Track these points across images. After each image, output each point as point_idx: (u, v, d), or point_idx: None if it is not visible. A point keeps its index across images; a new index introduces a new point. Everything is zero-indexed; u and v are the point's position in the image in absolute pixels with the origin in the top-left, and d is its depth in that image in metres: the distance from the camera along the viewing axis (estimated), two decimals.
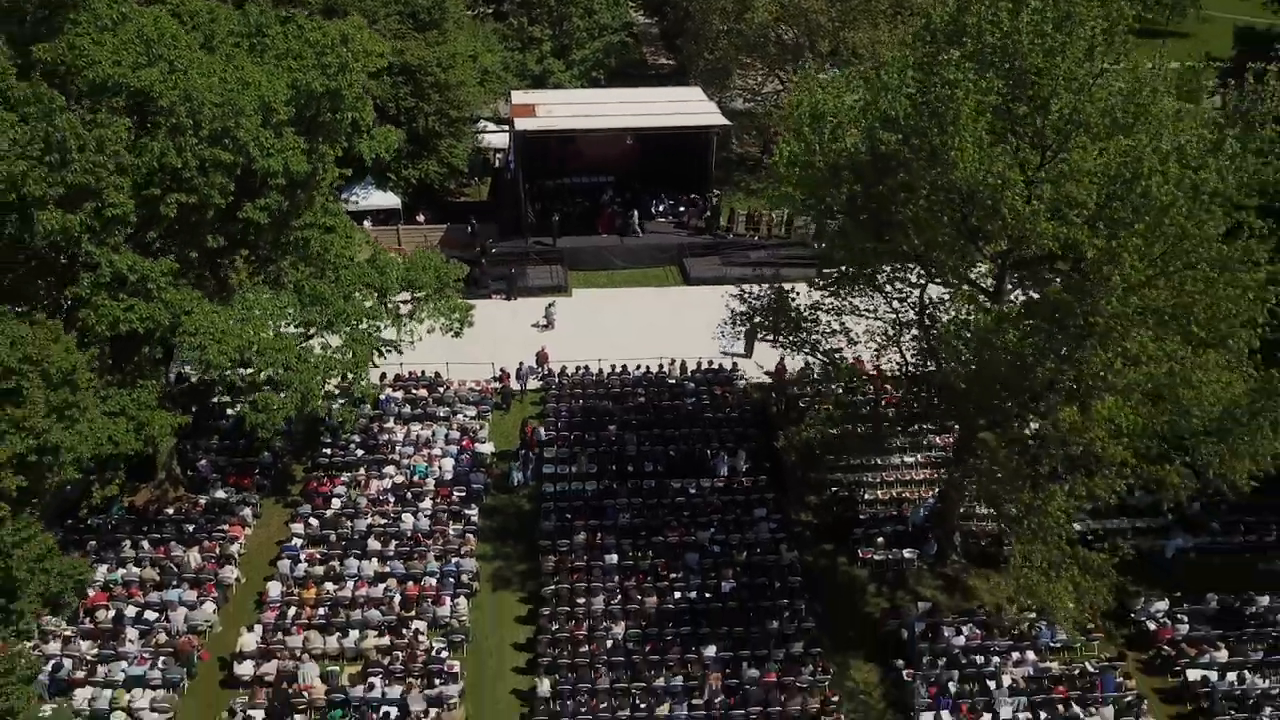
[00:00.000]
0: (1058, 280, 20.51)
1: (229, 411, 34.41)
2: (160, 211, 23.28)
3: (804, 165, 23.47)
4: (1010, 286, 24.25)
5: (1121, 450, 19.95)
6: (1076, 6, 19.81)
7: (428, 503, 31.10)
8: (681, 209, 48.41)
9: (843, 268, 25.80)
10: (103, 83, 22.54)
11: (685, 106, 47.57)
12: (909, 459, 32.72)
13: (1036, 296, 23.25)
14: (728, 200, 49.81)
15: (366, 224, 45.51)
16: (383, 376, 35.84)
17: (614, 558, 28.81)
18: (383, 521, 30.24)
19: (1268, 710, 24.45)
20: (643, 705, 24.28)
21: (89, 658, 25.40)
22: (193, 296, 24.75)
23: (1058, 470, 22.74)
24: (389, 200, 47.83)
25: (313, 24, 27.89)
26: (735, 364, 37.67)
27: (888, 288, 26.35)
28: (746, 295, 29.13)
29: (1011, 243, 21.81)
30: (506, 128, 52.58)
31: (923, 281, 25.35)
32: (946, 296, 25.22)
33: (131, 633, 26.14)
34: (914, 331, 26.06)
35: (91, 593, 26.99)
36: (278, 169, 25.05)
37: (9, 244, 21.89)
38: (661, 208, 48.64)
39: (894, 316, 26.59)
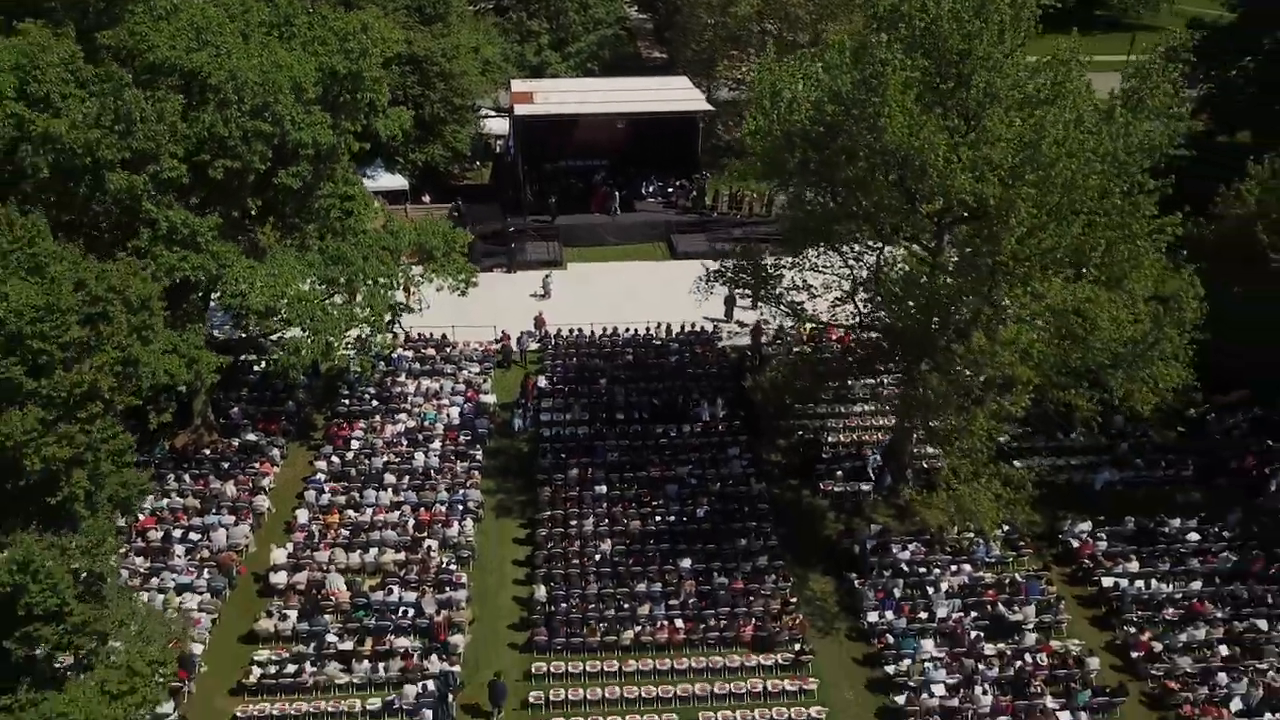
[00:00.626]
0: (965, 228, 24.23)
1: (255, 368, 38.31)
2: (209, 175, 27.07)
3: (765, 135, 27.26)
4: (949, 241, 28.00)
5: (1027, 371, 23.73)
6: None
7: (437, 444, 34.89)
8: (669, 189, 52.19)
9: (801, 228, 29.48)
10: (160, 64, 26.35)
11: (672, 94, 51.34)
12: (869, 408, 36.51)
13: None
14: (713, 181, 53.49)
15: (376, 204, 49.14)
16: (394, 337, 39.51)
17: (602, 488, 32.63)
18: (397, 459, 34.04)
19: (1169, 610, 28.23)
20: (626, 606, 28.09)
21: (142, 570, 29.18)
22: (233, 251, 28.55)
23: (983, 397, 26.48)
24: (397, 182, 51.56)
25: (335, 14, 31.65)
26: (715, 326, 41.43)
27: (844, 249, 30.12)
28: (722, 263, 32.88)
29: (945, 202, 25.60)
30: (507, 115, 56.25)
31: (879, 245, 29.10)
32: (897, 257, 29.01)
33: (179, 549, 29.92)
34: (866, 287, 29.81)
35: (141, 518, 30.78)
36: (308, 141, 28.84)
37: (82, 201, 25.65)
38: (651, 188, 52.41)
39: (849, 273, 30.38)
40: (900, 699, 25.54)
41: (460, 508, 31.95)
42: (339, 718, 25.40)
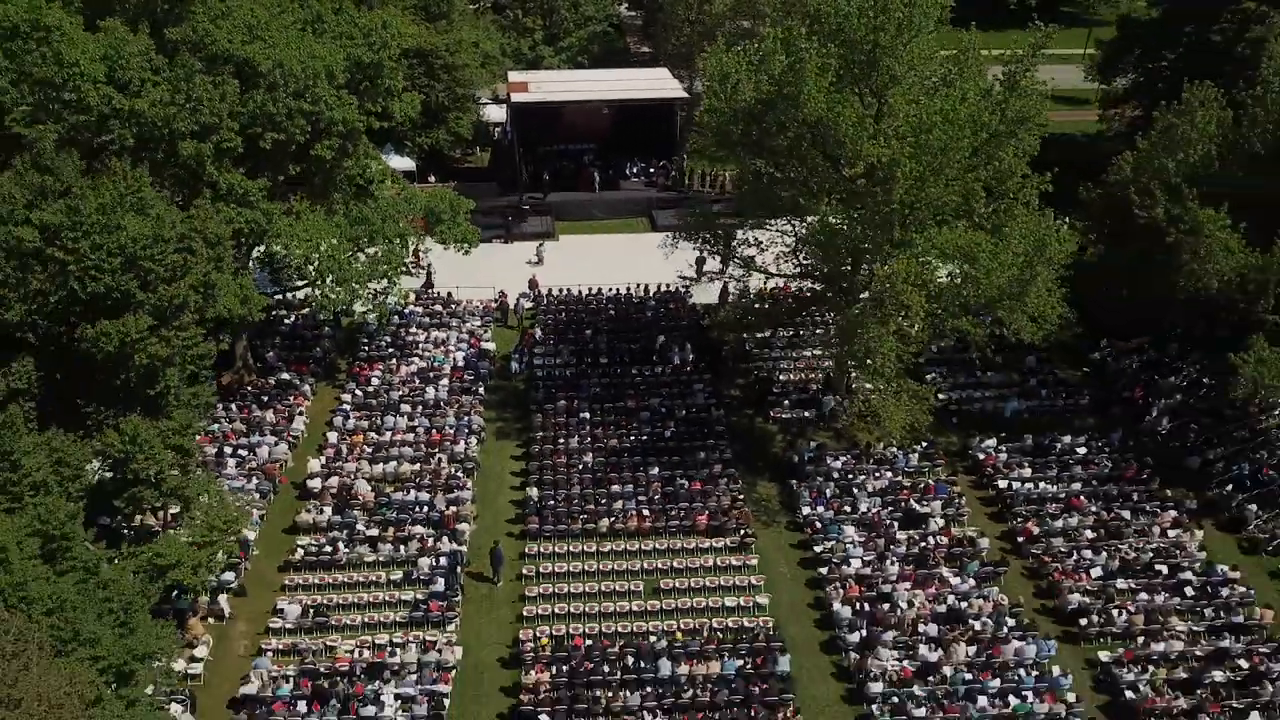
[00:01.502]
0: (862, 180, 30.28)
1: (286, 321, 44.43)
2: (259, 146, 33.18)
3: (717, 113, 33.39)
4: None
5: (919, 297, 29.83)
6: None
7: (445, 381, 41.00)
8: (651, 170, 58.25)
9: (751, 195, 35.62)
10: (220, 54, 32.46)
11: (653, 84, 57.41)
12: (816, 352, 42.54)
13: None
14: (690, 163, 59.46)
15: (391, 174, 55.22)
16: (406, 295, 45.54)
17: (586, 415, 38.77)
18: (411, 393, 40.15)
19: (1052, 505, 34.37)
20: (603, 502, 34.22)
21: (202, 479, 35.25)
22: (277, 209, 34.66)
23: (887, 319, 32.53)
24: (405, 163, 57.50)
25: (360, 12, 37.77)
26: (687, 286, 47.31)
27: (785, 212, 36.14)
28: (685, 220, 39.02)
29: (865, 167, 31.65)
30: (504, 103, 62.23)
31: (813, 204, 35.12)
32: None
33: (230, 462, 36.01)
34: (803, 241, 35.86)
35: (198, 437, 36.85)
36: (339, 119, 34.94)
37: (158, 165, 31.73)
38: (635, 169, 58.43)
39: (791, 230, 36.47)
40: (824, 570, 31.69)
41: (466, 430, 38.06)
42: (367, 586, 31.50)
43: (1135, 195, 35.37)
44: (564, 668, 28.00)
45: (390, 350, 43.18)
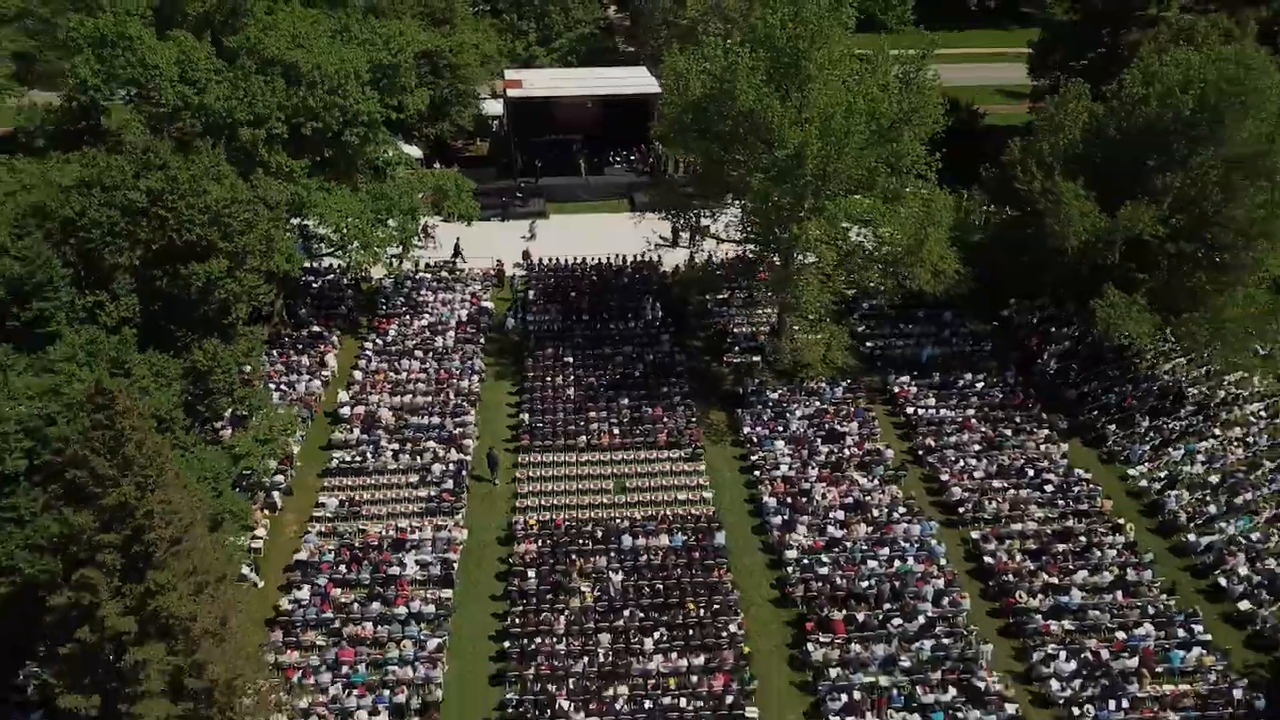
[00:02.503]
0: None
1: (314, 284, 52.26)
2: (301, 133, 41.10)
3: (672, 105, 41.30)
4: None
5: (832, 252, 37.73)
6: (804, 10, 37.48)
7: (451, 333, 48.82)
8: (632, 157, 66.04)
9: (705, 175, 43.51)
10: (270, 59, 40.35)
11: (633, 81, 65.13)
12: (766, 310, 50.33)
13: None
14: (668, 150, 67.03)
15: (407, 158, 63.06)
16: (417, 264, 53.29)
17: (570, 359, 46.62)
18: (422, 342, 47.99)
19: (950, 426, 42.27)
20: (582, 424, 42.12)
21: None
22: (314, 186, 42.57)
23: (804, 269, 40.43)
24: (413, 152, 65.22)
25: (379, 22, 45.66)
26: (659, 257, 55.10)
27: (734, 191, 43.92)
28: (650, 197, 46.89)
29: (795, 150, 39.49)
30: (501, 98, 69.92)
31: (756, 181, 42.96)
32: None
33: (275, 394, 43.83)
34: (746, 211, 43.74)
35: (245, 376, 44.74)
36: (364, 111, 42.83)
37: (219, 148, 39.60)
38: (617, 157, 66.23)
39: (739, 203, 44.33)
40: (758, 473, 39.64)
41: (469, 370, 45.96)
42: (391, 486, 39.38)
43: (1019, 173, 43.23)
44: (548, 541, 35.97)
45: (404, 308, 50.99)
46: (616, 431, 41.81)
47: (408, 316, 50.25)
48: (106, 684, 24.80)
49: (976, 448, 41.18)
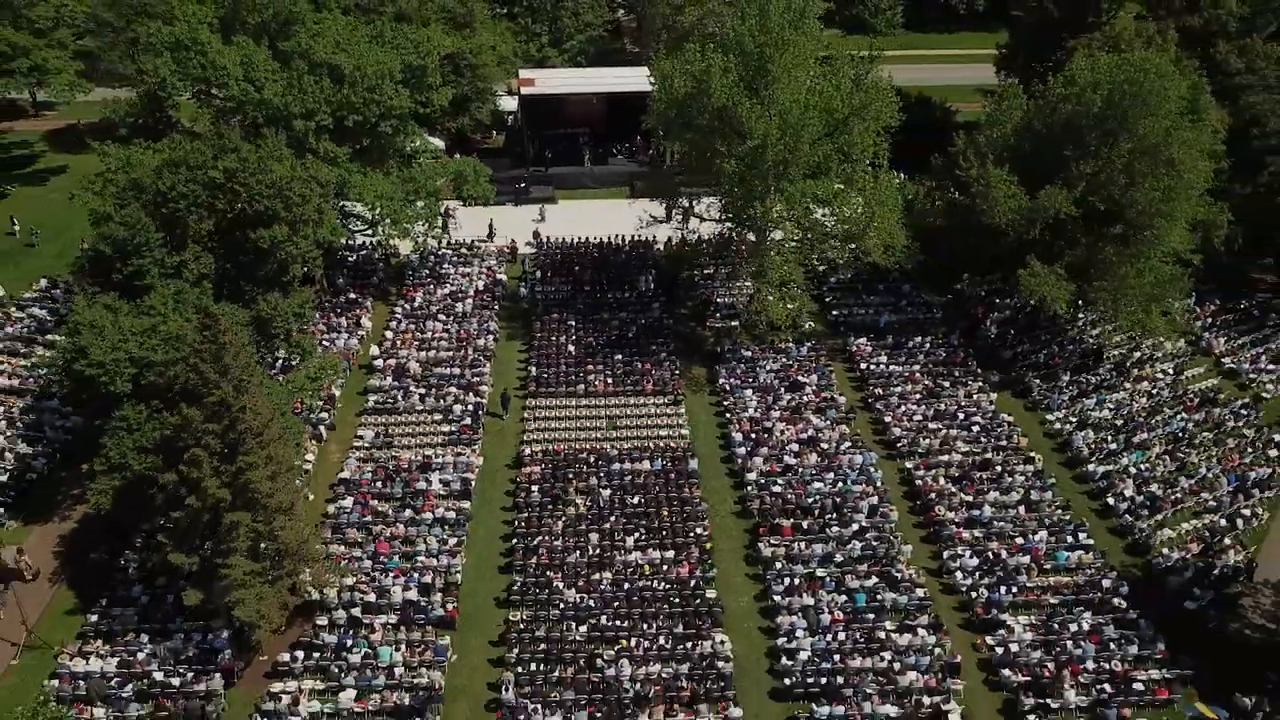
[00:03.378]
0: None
1: (351, 257, 59.86)
2: (344, 124, 48.69)
3: (660, 101, 48.65)
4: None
5: (790, 226, 44.96)
6: (770, 21, 44.73)
7: (470, 300, 56.33)
8: (633, 149, 73.38)
9: (690, 164, 50.81)
10: (318, 61, 47.95)
11: (635, 80, 72.09)
12: (746, 284, 57.51)
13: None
14: (667, 143, 74.32)
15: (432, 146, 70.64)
16: (440, 241, 60.81)
17: (572, 323, 54.03)
18: (445, 307, 55.51)
19: (897, 379, 49.43)
20: (581, 374, 49.54)
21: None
22: (353, 170, 50.14)
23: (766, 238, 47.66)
24: (437, 143, 72.80)
25: (409, 29, 53.20)
26: (653, 236, 62.39)
27: (714, 177, 51.16)
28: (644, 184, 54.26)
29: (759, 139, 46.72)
30: (515, 95, 77.38)
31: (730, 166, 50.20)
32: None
33: (319, 348, 51.46)
34: (723, 195, 50.97)
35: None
36: (397, 106, 50.36)
37: (277, 136, 47.25)
38: (619, 149, 73.59)
39: (720, 187, 51.57)
40: (729, 415, 46.94)
41: (485, 331, 53.45)
42: (418, 422, 46.85)
43: (961, 161, 50.33)
44: (549, 465, 43.44)
45: (429, 279, 58.57)
46: (610, 381, 49.24)
47: (432, 286, 57.78)
48: (203, 547, 32.48)
49: (917, 396, 48.36)
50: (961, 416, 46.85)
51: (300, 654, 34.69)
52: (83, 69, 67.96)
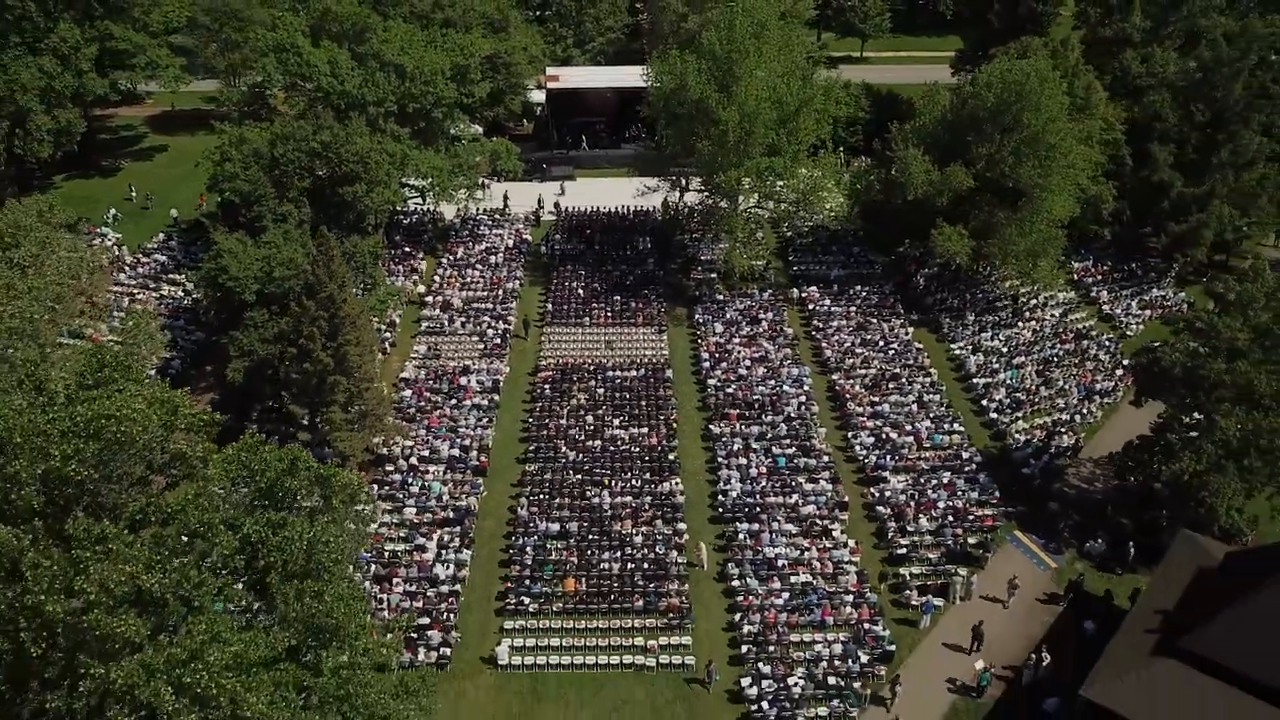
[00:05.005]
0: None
1: (404, 220, 74.68)
2: (406, 110, 63.46)
3: (656, 94, 62.98)
4: None
5: (750, 193, 59.04)
6: (735, 33, 58.84)
7: (501, 254, 70.95)
8: (643, 136, 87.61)
9: (681, 149, 65.07)
10: (386, 61, 62.73)
11: (644, 76, 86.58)
12: (724, 245, 71.57)
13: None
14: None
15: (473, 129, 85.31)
16: (478, 209, 75.33)
17: (583, 273, 68.46)
18: (481, 259, 70.16)
19: (835, 316, 63.35)
20: (587, 310, 63.95)
21: None
22: (411, 146, 64.88)
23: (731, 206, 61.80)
24: (476, 129, 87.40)
25: (456, 35, 67.88)
26: (653, 206, 76.53)
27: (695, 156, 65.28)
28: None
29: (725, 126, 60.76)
30: (543, 89, 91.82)
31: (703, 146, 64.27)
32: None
33: (381, 291, 66.24)
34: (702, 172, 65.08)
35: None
36: (446, 98, 65.02)
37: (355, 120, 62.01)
38: (629, 134, 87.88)
39: (702, 164, 65.74)
40: (699, 340, 61.18)
41: (514, 278, 68.01)
42: (459, 340, 61.40)
43: (893, 145, 64.09)
44: (559, 373, 57.86)
45: (469, 238, 73.23)
46: (609, 315, 63.64)
47: (470, 243, 72.47)
48: (312, 401, 47.22)
49: (850, 328, 62.28)
50: (882, 344, 60.69)
51: (375, 487, 49.31)
52: (185, 64, 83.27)
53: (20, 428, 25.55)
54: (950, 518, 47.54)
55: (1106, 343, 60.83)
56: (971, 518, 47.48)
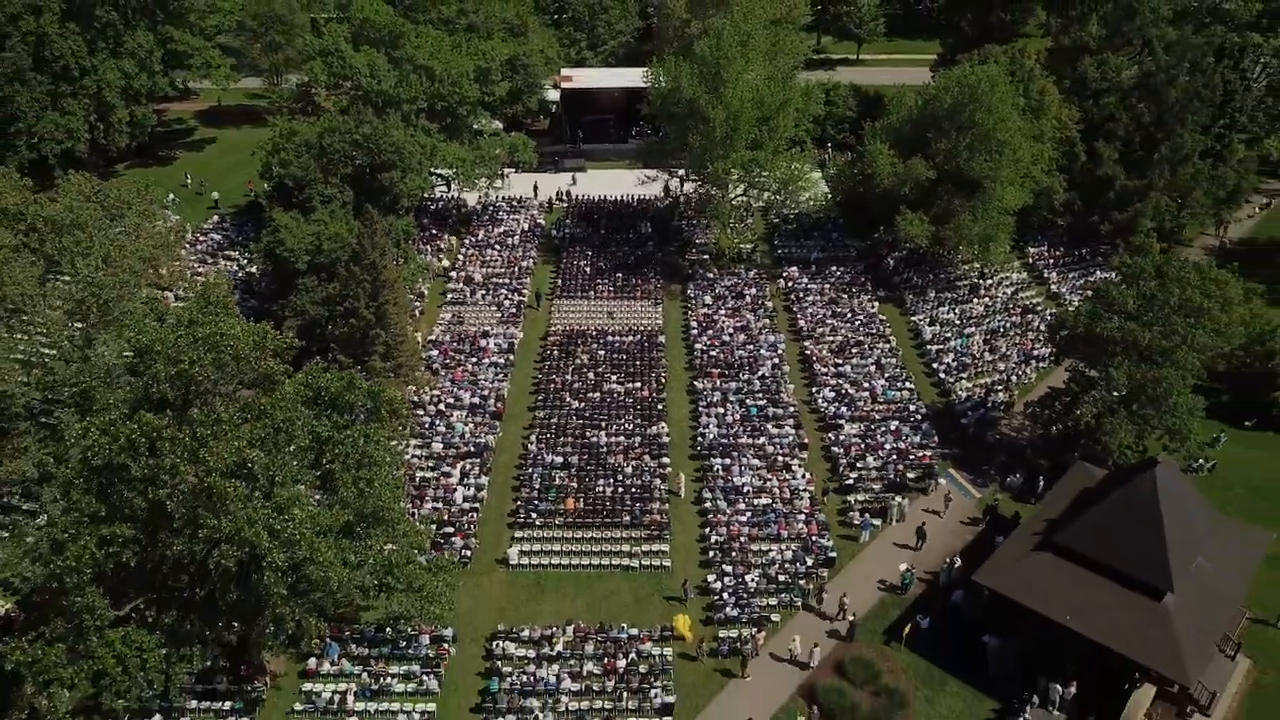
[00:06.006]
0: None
1: (432, 206, 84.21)
2: (435, 108, 72.91)
3: (655, 95, 72.21)
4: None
5: (740, 181, 68.14)
6: (724, 43, 67.98)
7: (518, 236, 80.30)
8: (648, 132, 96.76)
9: (679, 143, 74.22)
10: (419, 64, 72.20)
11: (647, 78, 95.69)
12: (716, 230, 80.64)
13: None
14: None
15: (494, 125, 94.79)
16: (497, 196, 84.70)
17: (590, 253, 77.73)
18: (499, 241, 79.54)
19: (811, 292, 72.32)
20: (592, 285, 73.21)
21: None
22: (439, 139, 74.32)
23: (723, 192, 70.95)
24: (496, 124, 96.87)
25: (480, 40, 77.29)
26: (653, 195, 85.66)
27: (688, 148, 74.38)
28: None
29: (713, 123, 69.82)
30: (558, 88, 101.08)
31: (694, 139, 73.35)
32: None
33: (412, 265, 75.75)
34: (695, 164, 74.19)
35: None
36: (471, 97, 74.44)
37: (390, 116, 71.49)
38: (635, 130, 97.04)
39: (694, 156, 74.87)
40: (689, 311, 70.32)
41: (529, 256, 77.35)
42: (479, 310, 70.80)
43: (863, 141, 72.93)
44: (566, 337, 67.16)
45: (489, 222, 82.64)
46: (612, 290, 72.89)
47: (490, 226, 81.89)
48: (355, 352, 56.69)
49: (823, 302, 71.24)
50: (850, 316, 69.63)
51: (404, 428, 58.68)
52: (234, 63, 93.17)
53: (159, 340, 35.09)
54: (894, 457, 56.44)
55: (1049, 317, 69.46)
56: (912, 457, 56.36)
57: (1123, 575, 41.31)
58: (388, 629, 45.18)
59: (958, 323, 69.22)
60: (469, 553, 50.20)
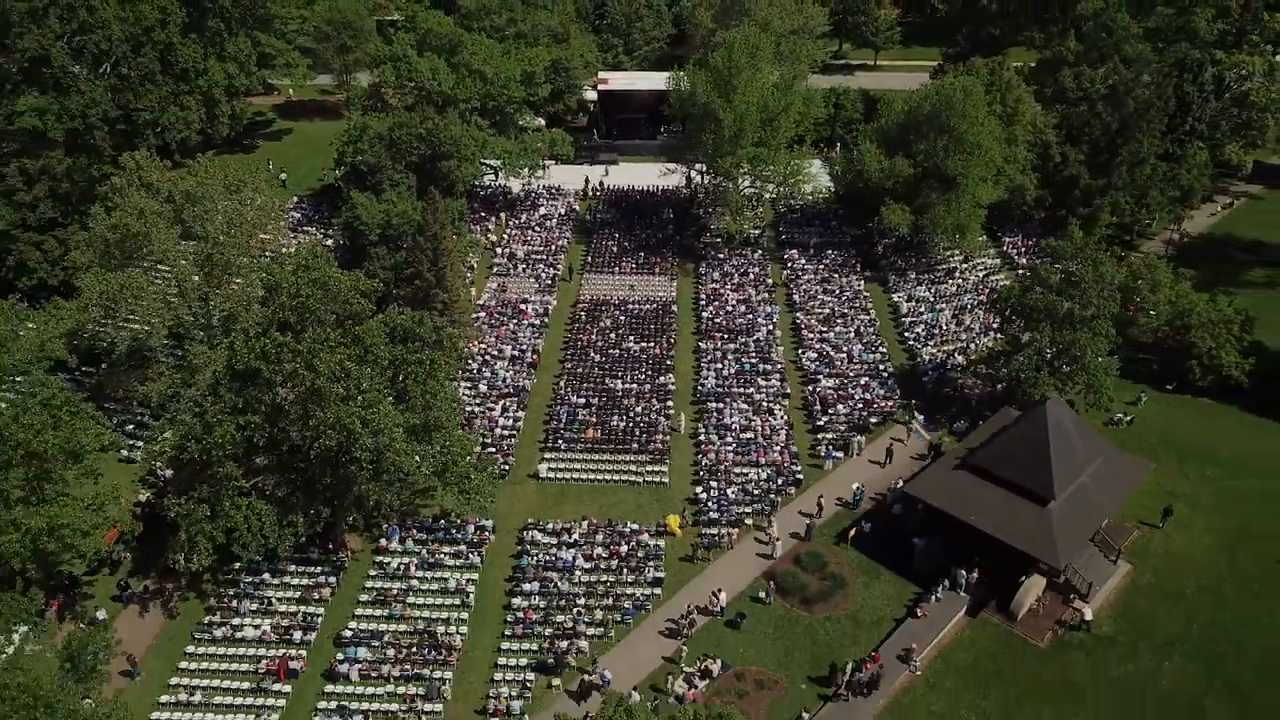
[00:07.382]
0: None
1: (480, 194, 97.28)
2: (487, 106, 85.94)
3: (676, 98, 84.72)
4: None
5: (741, 172, 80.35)
6: (734, 54, 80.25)
7: (555, 220, 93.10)
8: (674, 130, 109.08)
9: (696, 141, 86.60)
10: (473, 69, 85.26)
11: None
12: (728, 217, 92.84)
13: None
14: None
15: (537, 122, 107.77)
16: (539, 185, 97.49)
17: (617, 234, 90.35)
18: (539, 223, 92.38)
19: (807, 271, 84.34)
20: (618, 262, 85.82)
21: None
22: (490, 134, 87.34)
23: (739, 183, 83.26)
24: (539, 121, 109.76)
25: (526, 47, 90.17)
26: (675, 185, 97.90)
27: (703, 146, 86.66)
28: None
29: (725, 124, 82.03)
30: (595, 89, 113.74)
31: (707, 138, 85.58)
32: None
33: (465, 240, 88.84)
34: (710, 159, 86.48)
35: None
36: (516, 97, 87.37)
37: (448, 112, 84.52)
38: (665, 129, 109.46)
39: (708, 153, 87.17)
40: (699, 286, 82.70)
41: (564, 237, 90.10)
42: (521, 280, 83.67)
43: (857, 140, 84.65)
44: (593, 304, 79.84)
45: (530, 207, 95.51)
46: (634, 267, 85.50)
47: (532, 210, 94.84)
48: (424, 301, 69.79)
49: (817, 280, 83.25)
50: (839, 292, 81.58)
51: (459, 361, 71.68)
52: (310, 64, 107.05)
53: (283, 278, 48.29)
54: (860, 406, 68.44)
55: None
56: (875, 405, 68.32)
57: (1018, 486, 53.07)
58: (441, 520, 58.11)
59: (932, 300, 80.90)
60: (507, 467, 63.05)
